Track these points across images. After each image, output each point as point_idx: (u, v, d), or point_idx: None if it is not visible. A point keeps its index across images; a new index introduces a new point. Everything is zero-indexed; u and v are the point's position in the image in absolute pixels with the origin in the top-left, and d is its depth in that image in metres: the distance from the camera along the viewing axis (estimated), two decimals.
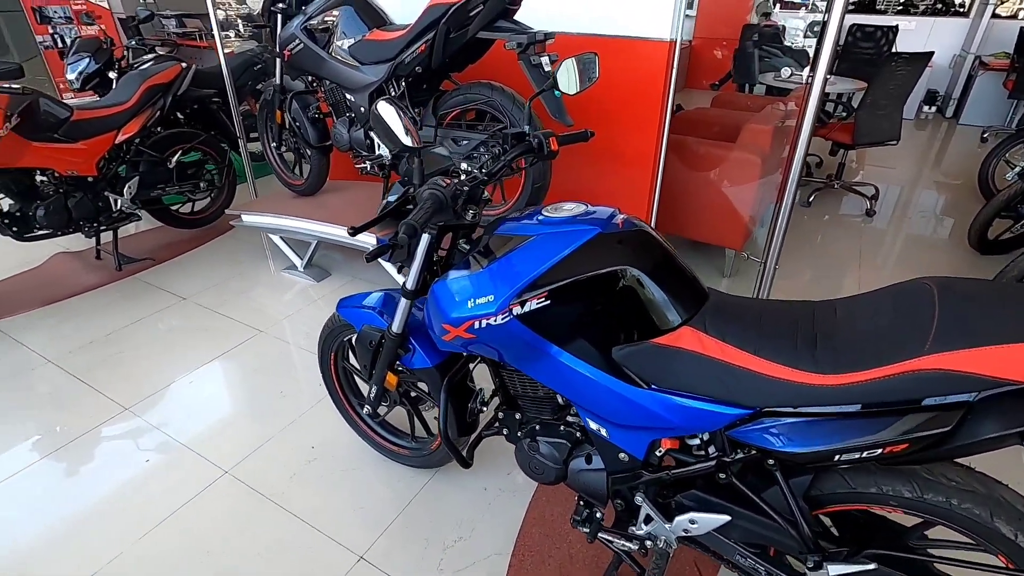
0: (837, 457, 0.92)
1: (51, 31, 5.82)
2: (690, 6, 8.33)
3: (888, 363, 0.86)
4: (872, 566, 1.02)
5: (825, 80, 1.94)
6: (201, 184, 3.43)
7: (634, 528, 1.27)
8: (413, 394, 1.72)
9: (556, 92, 1.94)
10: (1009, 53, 6.04)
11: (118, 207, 3.01)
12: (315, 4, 2.45)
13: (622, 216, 1.16)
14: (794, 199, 2.14)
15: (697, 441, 1.12)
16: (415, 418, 1.77)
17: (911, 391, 0.84)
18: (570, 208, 1.18)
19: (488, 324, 1.12)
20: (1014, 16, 6.61)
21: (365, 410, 1.68)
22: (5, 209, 2.72)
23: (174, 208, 3.46)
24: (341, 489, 1.80)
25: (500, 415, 1.47)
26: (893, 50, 5.77)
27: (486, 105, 2.19)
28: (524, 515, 1.70)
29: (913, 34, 7.04)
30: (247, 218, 3.03)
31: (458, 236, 1.31)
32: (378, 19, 2.40)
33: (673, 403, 1.05)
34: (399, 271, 1.37)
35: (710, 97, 4.50)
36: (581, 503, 1.37)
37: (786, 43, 6.30)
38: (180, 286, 3.00)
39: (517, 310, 1.08)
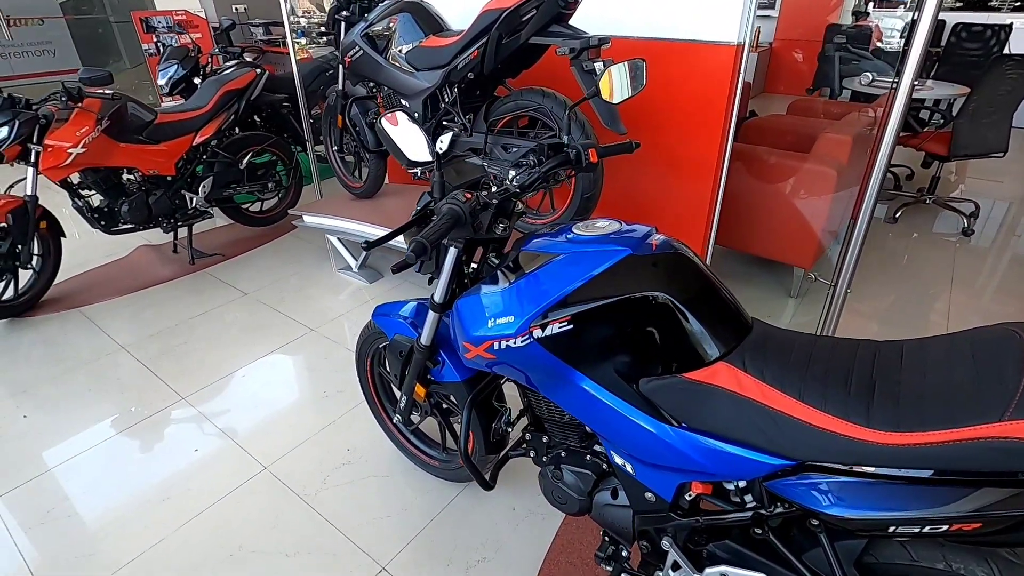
0: (892, 529, 0.79)
1: (155, 39, 6.32)
2: (772, 6, 7.92)
3: (958, 426, 0.73)
4: None
5: (912, 85, 1.74)
6: (270, 184, 3.59)
7: (660, 574, 1.18)
8: (444, 406, 1.69)
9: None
10: None
11: (193, 205, 3.20)
12: (375, 11, 2.49)
13: (659, 236, 1.07)
14: (871, 217, 1.95)
15: (732, 487, 1.02)
16: (446, 431, 1.75)
17: (983, 462, 0.71)
18: (602, 226, 1.10)
19: (508, 346, 1.06)
20: None
21: (396, 419, 1.66)
22: (95, 204, 2.95)
23: (244, 206, 3.64)
24: (371, 495, 1.79)
25: (527, 436, 1.41)
26: (1005, 52, 5.18)
27: (537, 112, 2.14)
28: (552, 541, 1.63)
29: None
30: (307, 218, 3.14)
31: (488, 250, 1.26)
32: (435, 25, 2.41)
33: (704, 445, 0.95)
34: (429, 283, 1.34)
35: (790, 103, 4.22)
36: (607, 539, 1.29)
37: (880, 45, 5.84)
38: (244, 282, 3.15)
39: (538, 333, 1.02)
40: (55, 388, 2.32)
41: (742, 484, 0.99)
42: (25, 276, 2.84)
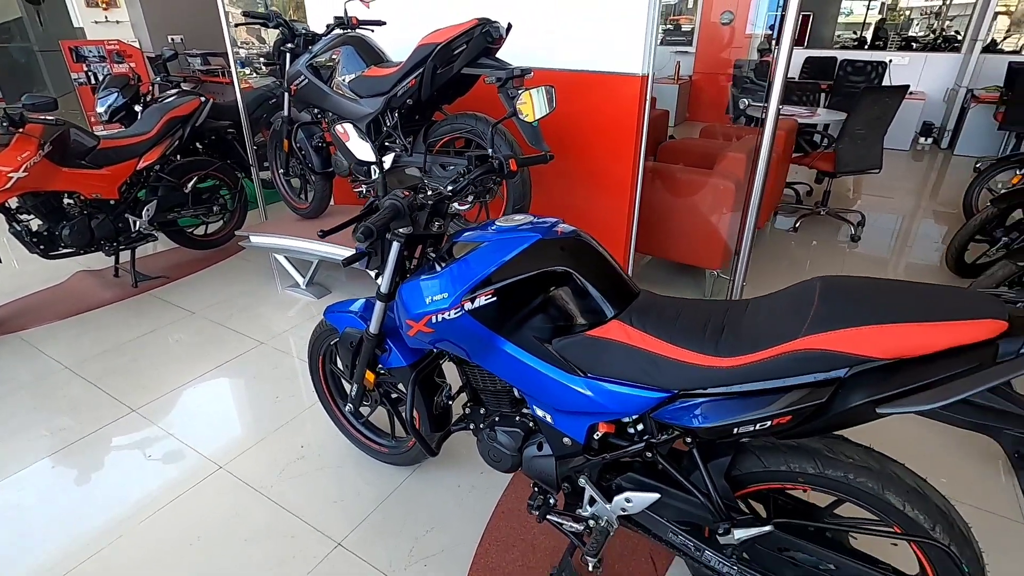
0: (736, 430, 1.04)
1: (86, 69, 6.23)
2: (689, 43, 8.63)
3: (770, 346, 1.00)
4: (768, 528, 1.13)
5: (778, 110, 2.11)
6: (214, 208, 3.66)
7: (580, 510, 1.39)
8: (393, 395, 1.86)
9: (534, 122, 2.15)
10: (999, 86, 6.20)
11: (136, 228, 3.24)
12: (319, 44, 2.69)
13: (564, 226, 1.32)
14: (756, 220, 2.29)
15: (629, 424, 1.25)
16: (395, 418, 1.91)
17: (789, 370, 0.98)
18: (519, 219, 1.34)
19: (443, 319, 1.27)
20: (1001, 51, 6.79)
21: (348, 408, 1.82)
22: (33, 228, 2.96)
23: (189, 230, 3.69)
24: (325, 484, 1.93)
25: (466, 410, 1.61)
26: (882, 84, 5.95)
27: (470, 134, 2.39)
28: (493, 509, 1.81)
29: (907, 68, 7.25)
30: (255, 239, 3.24)
31: (426, 246, 1.47)
32: (376, 57, 2.64)
33: (604, 389, 1.19)
34: (375, 277, 1.53)
35: (701, 128, 4.70)
36: (536, 489, 1.49)
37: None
38: (191, 302, 3.20)
39: (468, 305, 1.24)
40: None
41: (636, 419, 1.23)
42: None
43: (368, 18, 2.88)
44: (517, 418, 1.47)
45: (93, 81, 6.11)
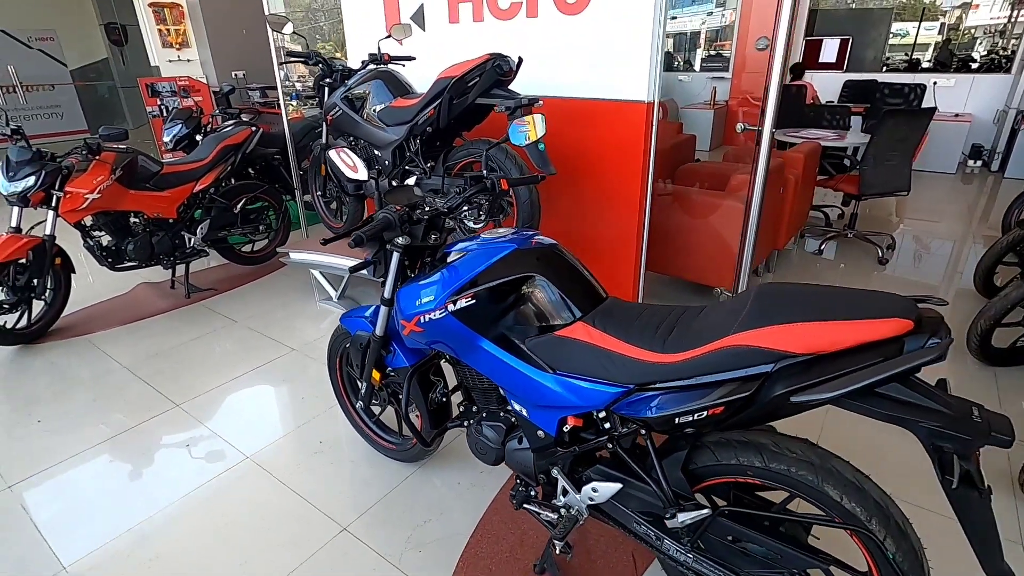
0: (677, 420, 1.15)
1: (159, 103, 6.88)
2: (726, 69, 8.69)
3: (706, 343, 1.11)
4: (707, 511, 1.21)
5: (772, 132, 2.21)
6: (261, 227, 4.00)
7: (555, 500, 1.50)
8: (400, 396, 2.03)
9: (540, 147, 2.33)
10: None
11: (191, 245, 3.59)
12: (354, 78, 2.97)
13: (541, 239, 1.47)
14: (756, 238, 2.37)
15: (595, 418, 1.36)
16: (401, 419, 2.07)
17: (722, 364, 1.08)
18: (502, 232, 1.50)
19: (431, 319, 1.43)
20: None
21: (358, 404, 2.00)
22: (104, 244, 3.33)
23: (237, 247, 4.03)
24: (338, 476, 2.10)
25: (461, 409, 1.75)
26: (920, 106, 5.84)
27: (483, 158, 2.58)
28: (488, 505, 1.94)
29: (953, 91, 7.08)
30: (293, 255, 3.53)
31: (425, 256, 1.65)
32: (402, 89, 2.89)
33: (571, 384, 1.31)
34: (381, 285, 1.72)
35: (725, 151, 4.77)
36: (518, 481, 1.61)
37: (818, 100, 6.51)
38: (235, 312, 3.50)
39: (451, 307, 1.39)
40: (64, 400, 2.62)
41: (602, 414, 1.34)
42: (37, 307, 3.18)
43: (400, 54, 3.15)
44: (501, 414, 1.61)
45: (164, 114, 6.74)
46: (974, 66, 8.10)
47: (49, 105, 8.87)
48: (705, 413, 1.11)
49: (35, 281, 3.07)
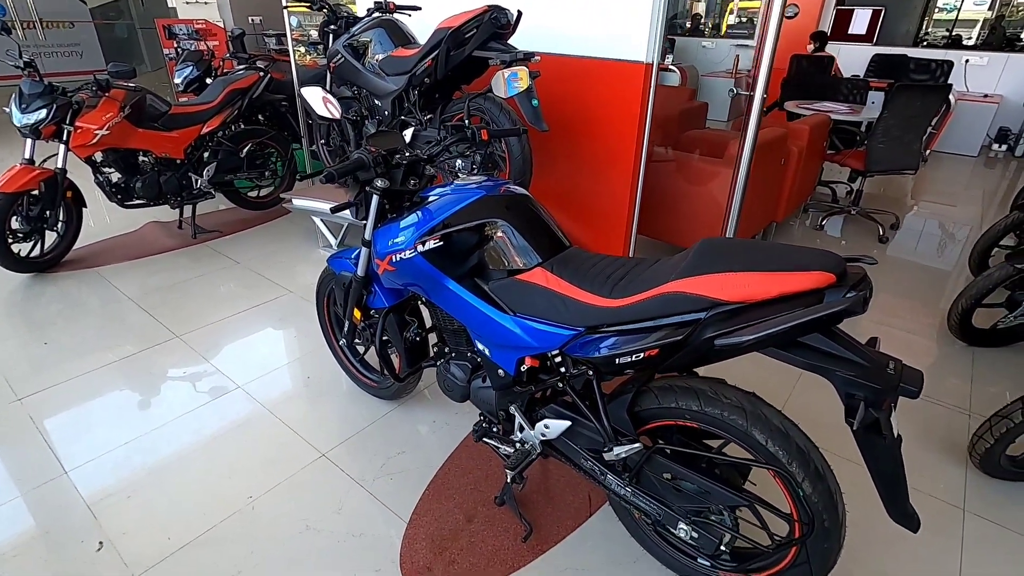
0: (618, 360, 1.22)
1: (176, 45, 6.88)
2: (750, 36, 8.37)
3: (647, 289, 1.17)
4: (638, 445, 1.30)
5: (763, 99, 2.20)
6: (266, 173, 4.07)
7: (513, 436, 1.60)
8: (385, 338, 2.13)
9: (534, 102, 2.35)
10: None
11: (198, 186, 3.68)
12: (357, 26, 2.98)
13: (511, 187, 1.52)
14: (740, 208, 2.39)
15: (550, 359, 1.44)
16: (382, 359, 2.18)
17: (659, 310, 1.15)
18: (475, 180, 1.55)
19: (402, 258, 1.51)
20: None
21: (341, 342, 2.10)
22: (113, 180, 3.44)
23: (244, 192, 4.12)
24: (321, 408, 2.23)
25: (435, 350, 1.85)
26: (947, 83, 5.65)
27: (479, 111, 2.61)
28: (459, 443, 2.05)
29: (984, 69, 6.82)
30: (296, 201, 3.60)
31: (404, 200, 1.71)
32: (404, 39, 2.90)
33: (528, 326, 1.39)
34: (363, 227, 1.79)
35: (732, 120, 4.69)
36: (482, 417, 1.72)
37: (843, 75, 6.33)
38: (238, 254, 3.61)
39: (420, 247, 1.47)
40: (72, 324, 2.77)
41: (557, 356, 1.42)
42: (50, 238, 3.31)
43: (404, 3, 3.14)
44: (468, 354, 1.70)
45: (180, 56, 6.75)
46: (1021, 45, 7.73)
47: (69, 43, 8.91)
48: (642, 355, 1.19)
49: (47, 213, 3.19)
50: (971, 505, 1.83)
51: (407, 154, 1.65)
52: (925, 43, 8.34)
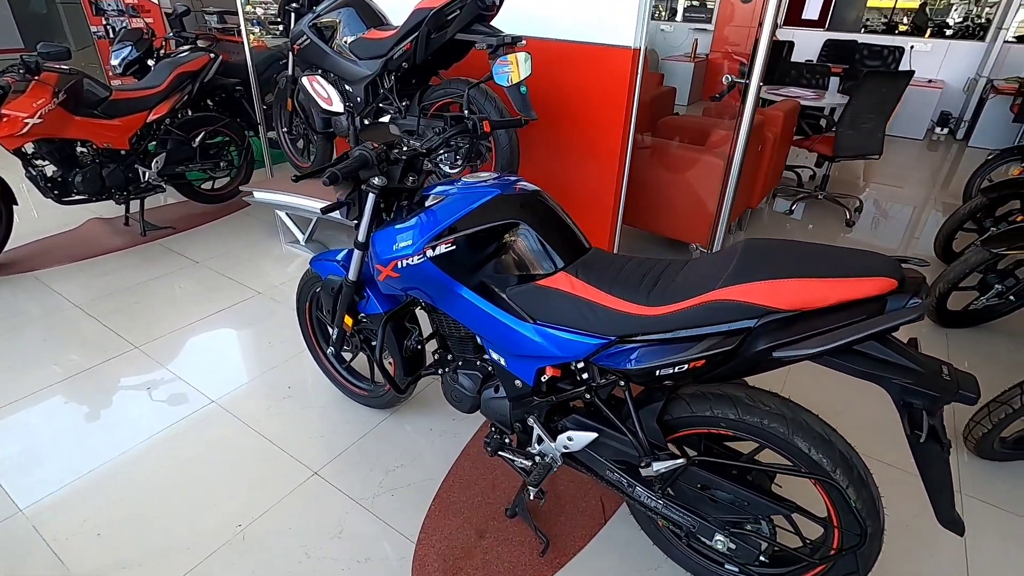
0: (658, 372, 1.15)
1: (104, 22, 6.32)
2: (708, 20, 8.48)
3: (691, 297, 1.10)
4: (682, 461, 1.24)
5: (759, 88, 2.16)
6: (221, 163, 3.79)
7: (529, 448, 1.52)
8: (372, 342, 1.98)
9: (522, 89, 2.22)
10: (1020, 77, 6.08)
11: (146, 179, 3.38)
12: (323, 4, 2.76)
13: (524, 184, 1.41)
14: (734, 197, 2.36)
15: (574, 369, 1.36)
16: (374, 364, 2.04)
17: (706, 318, 1.08)
18: (484, 177, 1.43)
19: (408, 264, 1.38)
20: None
21: (330, 351, 1.95)
22: (48, 174, 3.10)
23: (197, 184, 3.82)
24: (307, 421, 2.08)
25: (436, 357, 1.73)
26: (897, 69, 5.86)
27: (462, 98, 2.46)
28: (460, 452, 1.95)
29: (928, 55, 7.10)
30: (258, 194, 3.37)
31: (402, 198, 1.58)
32: (376, 20, 2.70)
33: (550, 334, 1.30)
34: (355, 227, 1.64)
35: (704, 106, 4.71)
36: (493, 429, 1.62)
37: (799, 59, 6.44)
38: (196, 252, 3.35)
39: (430, 252, 1.34)
40: (10, 339, 2.49)
41: (581, 364, 1.34)
42: None
43: None
44: (477, 363, 1.59)
45: (111, 35, 6.20)
46: (948, 32, 8.12)
47: None
48: (686, 366, 1.11)
49: None
50: (967, 488, 1.88)
51: (404, 148, 1.51)
52: (865, 29, 8.63)
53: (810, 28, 7.67)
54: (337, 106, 1.44)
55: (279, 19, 3.05)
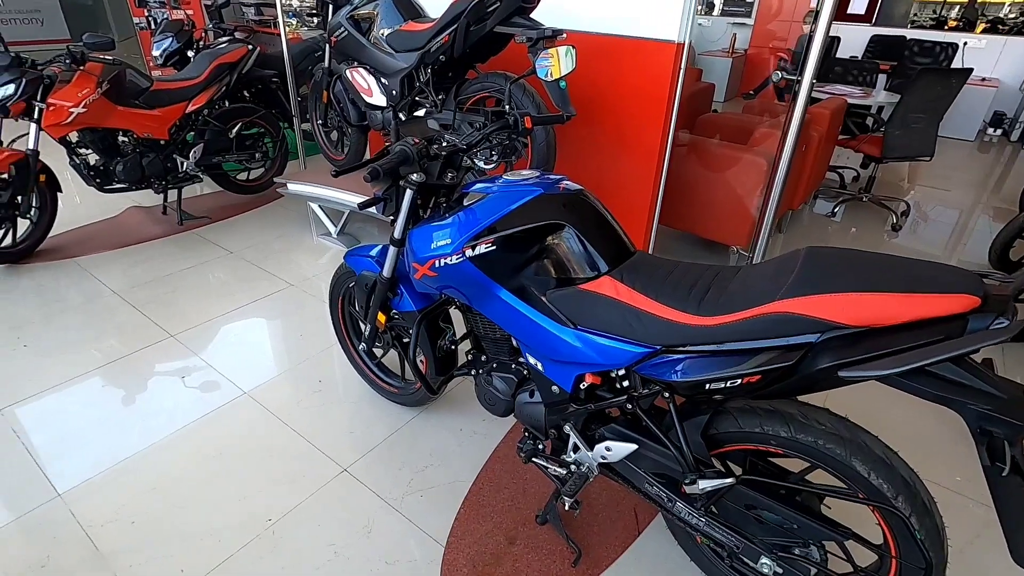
0: (708, 386, 1.09)
1: (147, 14, 6.44)
2: (748, 15, 8.26)
3: (748, 308, 1.03)
4: (731, 480, 1.18)
5: (812, 85, 2.06)
6: (257, 155, 3.81)
7: (564, 456, 1.47)
8: (404, 339, 1.96)
9: (562, 84, 2.16)
10: None
11: (183, 169, 3.42)
12: None
13: (567, 183, 1.36)
14: (779, 199, 2.26)
15: (615, 376, 1.31)
16: (405, 362, 2.02)
17: (763, 331, 1.01)
18: (526, 175, 1.39)
19: (446, 263, 1.34)
20: None
21: (361, 347, 1.93)
22: (91, 162, 3.16)
23: (232, 175, 3.86)
24: (338, 416, 2.07)
25: (469, 357, 1.69)
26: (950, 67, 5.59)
27: (499, 93, 2.41)
28: (491, 453, 1.92)
29: (983, 52, 6.77)
30: (292, 186, 3.38)
31: (439, 195, 1.54)
32: (414, 12, 2.67)
33: (592, 341, 1.24)
34: (391, 224, 1.61)
35: (745, 103, 4.56)
36: (527, 434, 1.58)
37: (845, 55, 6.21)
38: (230, 242, 3.38)
39: (469, 252, 1.30)
40: (52, 324, 2.54)
41: (622, 372, 1.29)
42: (23, 226, 3.04)
43: None
44: (513, 366, 1.55)
45: (153, 26, 6.31)
46: (1003, 28, 7.73)
47: (28, 9, 8.30)
48: (739, 381, 1.05)
49: (18, 198, 2.91)
50: None
51: (444, 144, 1.47)
52: (912, 24, 8.27)
53: (856, 23, 7.38)
54: (378, 99, 1.41)
55: (316, 11, 3.04)
